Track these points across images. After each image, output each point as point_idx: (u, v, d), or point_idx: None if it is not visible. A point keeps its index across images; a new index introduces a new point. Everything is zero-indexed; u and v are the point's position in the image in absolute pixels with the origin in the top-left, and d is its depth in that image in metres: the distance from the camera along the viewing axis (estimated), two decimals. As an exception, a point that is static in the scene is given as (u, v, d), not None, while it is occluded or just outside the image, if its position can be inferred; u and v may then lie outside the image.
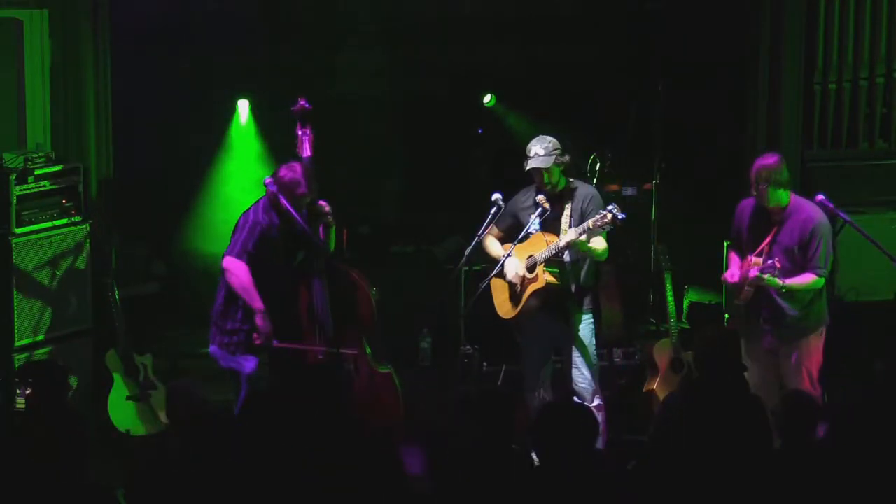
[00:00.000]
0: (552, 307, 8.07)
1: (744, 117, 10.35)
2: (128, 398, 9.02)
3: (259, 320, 7.77)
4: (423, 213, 11.71)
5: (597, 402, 8.08)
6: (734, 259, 8.10)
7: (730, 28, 10.48)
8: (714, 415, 6.46)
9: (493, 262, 8.16)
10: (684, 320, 10.48)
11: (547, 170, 7.99)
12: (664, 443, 6.38)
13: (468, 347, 9.81)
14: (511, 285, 8.08)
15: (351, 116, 11.23)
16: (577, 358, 8.10)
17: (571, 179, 8.14)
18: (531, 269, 8.00)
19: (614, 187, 10.58)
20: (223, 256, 7.86)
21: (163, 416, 8.98)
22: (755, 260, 7.81)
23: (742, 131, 10.39)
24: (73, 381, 8.90)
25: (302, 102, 8.16)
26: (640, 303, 10.70)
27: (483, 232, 8.07)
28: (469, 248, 8.15)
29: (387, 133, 11.90)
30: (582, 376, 8.10)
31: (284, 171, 7.89)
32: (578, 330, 8.11)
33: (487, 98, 11.35)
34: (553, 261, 7.93)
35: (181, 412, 6.45)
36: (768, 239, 7.86)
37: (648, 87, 10.98)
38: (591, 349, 8.14)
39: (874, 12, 10.04)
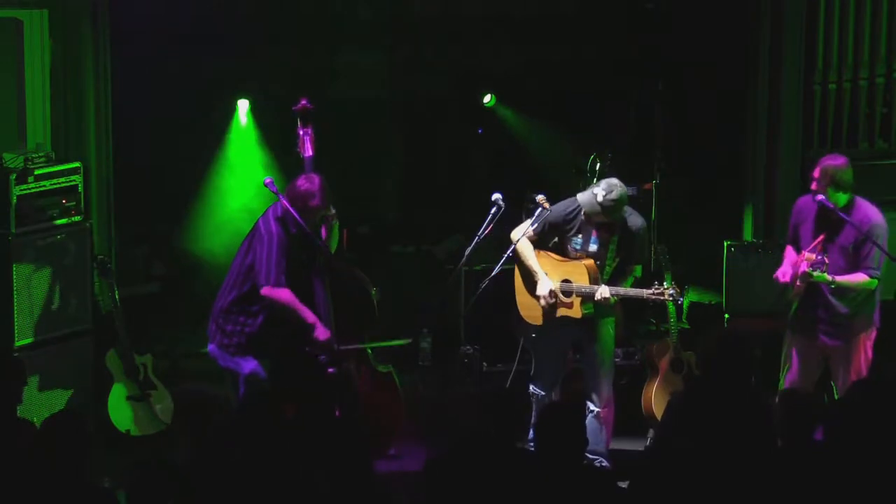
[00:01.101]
0: (580, 323, 8.09)
1: (744, 117, 10.35)
2: (128, 398, 9.02)
3: (316, 333, 7.74)
4: (423, 213, 11.71)
5: (608, 405, 8.12)
6: (789, 255, 8.09)
7: (730, 28, 10.48)
8: (716, 416, 6.46)
9: (519, 261, 8.13)
10: (684, 320, 10.47)
11: (586, 212, 7.97)
12: (667, 443, 6.37)
13: (468, 347, 9.81)
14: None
15: (351, 116, 11.22)
16: (597, 364, 8.13)
17: (624, 207, 8.11)
18: (566, 293, 8.01)
19: (615, 187, 10.57)
20: (261, 285, 7.75)
21: (163, 416, 8.99)
22: (808, 255, 7.82)
23: (742, 131, 10.39)
24: (73, 380, 8.98)
25: (303, 102, 8.16)
26: (640, 303, 10.68)
27: (483, 232, 8.07)
28: (469, 248, 8.14)
29: (387, 133, 11.90)
30: (598, 380, 8.13)
31: (302, 181, 7.86)
32: (602, 335, 8.14)
33: (487, 98, 11.35)
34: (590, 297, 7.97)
35: (195, 409, 6.42)
36: (822, 236, 7.87)
37: (648, 87, 10.98)
38: (612, 355, 8.19)
39: (874, 12, 10.04)
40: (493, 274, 8.12)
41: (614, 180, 7.97)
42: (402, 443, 8.36)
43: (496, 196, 8.09)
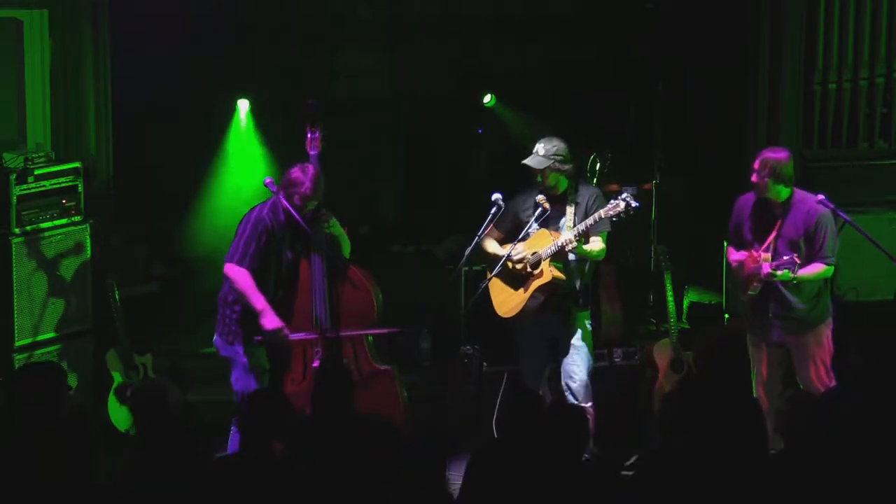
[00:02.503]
0: (554, 305, 8.07)
1: (744, 117, 10.35)
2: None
3: (262, 321, 7.79)
4: (423, 213, 11.71)
5: (590, 402, 8.10)
6: (732, 254, 8.08)
7: (730, 28, 10.48)
8: (712, 415, 6.46)
9: (493, 262, 8.15)
10: (684, 320, 10.48)
11: (541, 171, 7.99)
12: (663, 443, 6.37)
13: (468, 347, 9.80)
14: (513, 281, 8.07)
15: (351, 116, 11.22)
16: (575, 356, 8.11)
17: (575, 181, 8.13)
18: (535, 265, 8.00)
19: (614, 187, 10.57)
20: (225, 261, 7.88)
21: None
22: (764, 255, 7.80)
23: (742, 131, 10.39)
24: (73, 380, 8.98)
25: (312, 101, 8.20)
26: (640, 303, 10.69)
27: (483, 232, 8.07)
28: (469, 248, 8.15)
29: (387, 133, 11.90)
30: (578, 375, 8.11)
31: (296, 169, 7.92)
32: (577, 328, 8.11)
33: (487, 98, 11.35)
34: (558, 255, 7.94)
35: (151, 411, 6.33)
36: (773, 234, 7.85)
37: (648, 87, 10.98)
38: (589, 348, 8.15)
39: (874, 12, 10.04)
40: (493, 274, 8.12)
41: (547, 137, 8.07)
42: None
43: (496, 196, 8.09)
